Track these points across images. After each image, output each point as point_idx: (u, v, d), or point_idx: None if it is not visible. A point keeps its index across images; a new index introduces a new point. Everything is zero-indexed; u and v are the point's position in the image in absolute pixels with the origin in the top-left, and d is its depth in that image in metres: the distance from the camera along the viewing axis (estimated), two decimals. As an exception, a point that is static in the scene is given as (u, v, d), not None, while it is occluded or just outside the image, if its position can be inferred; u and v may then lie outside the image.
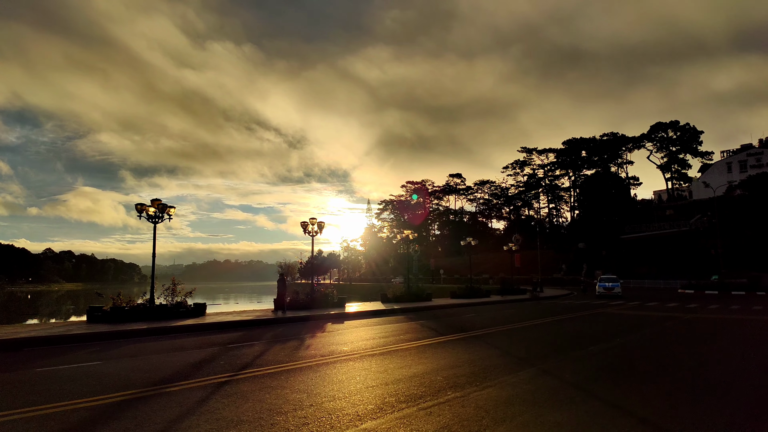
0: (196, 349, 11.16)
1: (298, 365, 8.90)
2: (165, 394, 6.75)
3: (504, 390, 6.83)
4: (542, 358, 9.55)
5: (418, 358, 9.57)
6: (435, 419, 5.45)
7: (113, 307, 15.79)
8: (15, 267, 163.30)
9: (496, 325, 15.97)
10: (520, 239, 75.78)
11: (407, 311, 21.67)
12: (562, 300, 32.19)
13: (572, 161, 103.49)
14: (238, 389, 7.02)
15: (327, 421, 5.44)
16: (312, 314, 19.01)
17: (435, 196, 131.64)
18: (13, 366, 9.19)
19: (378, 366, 8.75)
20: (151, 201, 17.07)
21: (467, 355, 9.96)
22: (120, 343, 12.21)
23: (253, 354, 10.33)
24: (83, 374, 8.22)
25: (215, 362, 9.33)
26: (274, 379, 7.74)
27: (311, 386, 7.19)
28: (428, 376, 7.80)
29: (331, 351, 10.63)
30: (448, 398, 6.36)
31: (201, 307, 18.01)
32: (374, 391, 6.78)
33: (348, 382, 7.47)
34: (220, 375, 8.04)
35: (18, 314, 45.26)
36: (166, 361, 9.55)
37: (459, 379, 7.59)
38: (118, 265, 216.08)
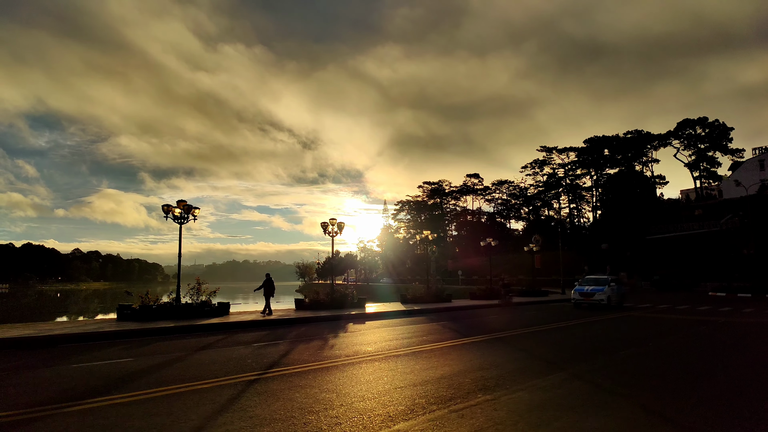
0: (224, 347, 11.31)
1: (325, 365, 8.93)
2: (197, 391, 6.85)
3: (535, 394, 6.74)
4: (571, 361, 9.40)
5: (444, 360, 9.52)
6: (468, 422, 5.40)
7: (142, 306, 16.12)
8: (45, 266, 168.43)
9: (520, 327, 15.78)
10: (540, 240, 74.84)
11: (428, 312, 21.58)
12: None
13: (594, 160, 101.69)
14: (268, 388, 7.08)
15: (359, 421, 5.44)
16: (332, 314, 19.09)
17: (452, 197, 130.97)
18: (51, 361, 9.46)
19: (404, 367, 8.73)
20: (177, 202, 17.38)
21: (493, 357, 9.86)
22: (149, 341, 12.46)
23: (279, 353, 10.41)
24: (117, 370, 8.40)
25: (243, 361, 9.44)
26: (302, 378, 7.79)
27: (339, 386, 7.20)
28: (456, 378, 7.74)
29: (356, 351, 10.65)
30: (479, 401, 6.30)
31: (225, 307, 18.25)
32: (403, 392, 6.76)
33: (375, 382, 7.46)
34: (249, 373, 8.12)
35: (49, 312, 46.59)
36: (195, 358, 9.69)
37: (488, 381, 7.51)
38: (142, 265, 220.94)
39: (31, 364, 9.31)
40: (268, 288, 19.99)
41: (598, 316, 20.01)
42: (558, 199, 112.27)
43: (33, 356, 10.27)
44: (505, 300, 27.36)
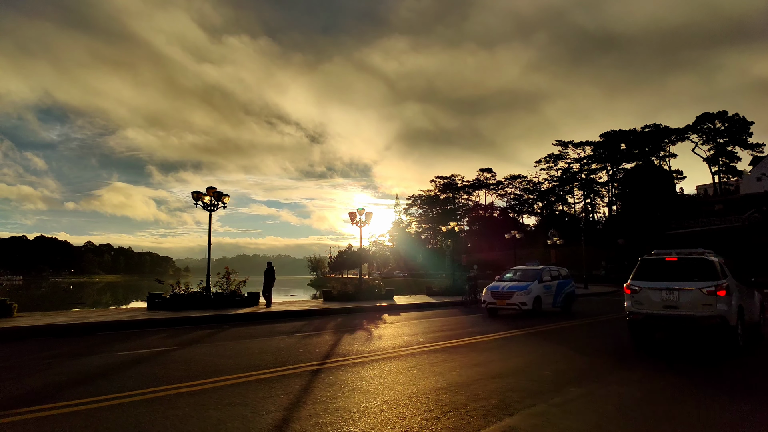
0: (266, 337, 10.86)
1: (382, 355, 8.43)
2: (263, 381, 6.38)
3: (631, 387, 6.18)
4: (638, 357, 8.82)
5: (505, 352, 8.99)
6: (580, 417, 4.86)
7: (173, 295, 15.75)
8: (58, 259, 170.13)
9: (560, 320, 15.17)
10: (555, 234, 73.93)
11: (457, 305, 21.05)
12: (612, 296, 30.92)
13: (610, 154, 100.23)
14: (337, 378, 6.58)
15: (458, 415, 4.91)
16: (361, 305, 18.61)
17: (464, 191, 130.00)
18: (95, 349, 9.06)
19: (467, 359, 8.19)
20: (207, 189, 16.96)
21: (556, 348, 9.31)
22: (187, 330, 12.05)
23: (327, 343, 9.93)
24: (167, 360, 7.95)
25: (294, 350, 8.96)
26: (367, 368, 7.29)
27: (412, 377, 6.68)
28: (532, 371, 7.20)
29: (407, 342, 10.14)
30: (575, 395, 5.75)
31: (254, 297, 17.85)
32: (486, 385, 6.22)
33: (449, 373, 6.93)
34: (307, 363, 7.64)
35: (65, 304, 46.69)
36: (243, 348, 9.24)
37: (567, 374, 6.96)
38: (153, 258, 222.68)
39: (76, 351, 8.91)
40: (269, 277, 18.73)
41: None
42: (572, 194, 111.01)
43: (74, 344, 9.89)
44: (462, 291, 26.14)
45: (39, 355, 8.47)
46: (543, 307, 16.11)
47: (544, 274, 16.82)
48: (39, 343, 9.96)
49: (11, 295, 30.37)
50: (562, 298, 17.26)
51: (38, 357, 8.30)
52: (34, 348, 9.36)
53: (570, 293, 17.73)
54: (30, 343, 10.06)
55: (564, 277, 18.05)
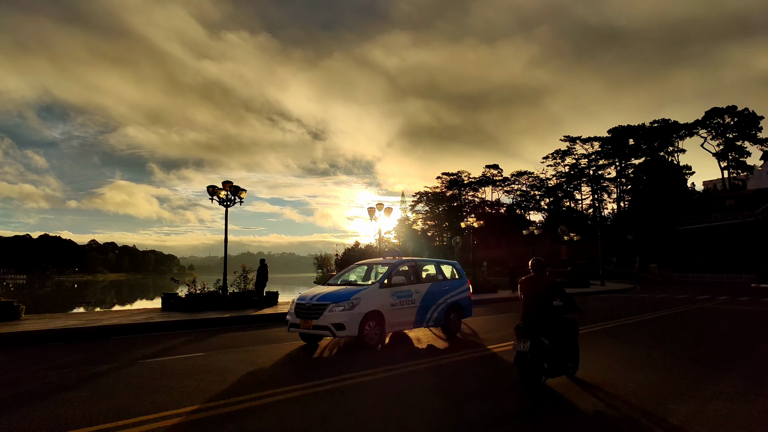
0: (297, 339, 10.00)
1: (469, 354, 7.57)
2: (339, 391, 5.51)
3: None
4: (731, 357, 7.94)
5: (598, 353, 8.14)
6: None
7: (189, 295, 14.91)
8: (62, 257, 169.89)
9: (612, 318, 14.25)
10: (566, 230, 72.97)
11: (486, 302, 20.21)
12: (633, 294, 30.03)
13: (618, 150, 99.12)
14: (400, 384, 5.72)
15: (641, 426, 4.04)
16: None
17: (471, 188, 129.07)
18: (112, 357, 8.21)
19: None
20: (223, 183, 16.10)
21: (647, 351, 8.44)
22: (208, 333, 11.21)
23: (388, 343, 9.06)
24: (197, 369, 7.09)
25: (337, 356, 8.11)
26: (482, 366, 6.42)
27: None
28: (657, 369, 6.33)
29: (482, 339, 9.27)
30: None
31: (273, 296, 17.00)
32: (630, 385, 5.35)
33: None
34: (364, 371, 6.78)
35: (69, 303, 45.96)
36: (277, 354, 8.38)
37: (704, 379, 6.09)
38: (157, 257, 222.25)
39: (91, 359, 8.06)
40: (262, 276, 16.90)
41: (675, 307, 18.36)
42: (579, 190, 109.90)
43: (87, 351, 9.06)
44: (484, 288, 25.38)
45: (50, 365, 7.63)
46: (392, 328, 9.61)
47: (395, 273, 9.84)
48: (48, 350, 9.12)
49: (16, 295, 29.59)
50: (441, 311, 10.54)
51: (49, 368, 7.46)
52: (44, 356, 8.52)
53: (456, 304, 10.90)
54: (39, 350, 9.21)
55: (449, 277, 11.33)
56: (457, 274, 11.68)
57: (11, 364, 7.73)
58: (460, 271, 11.84)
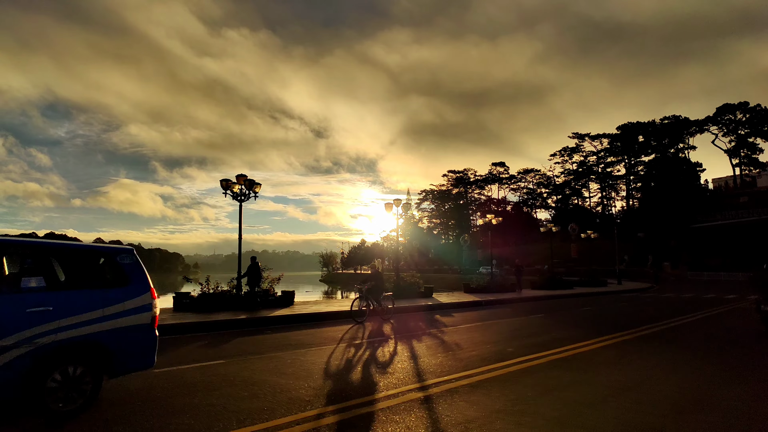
0: (321, 345, 9.15)
1: (485, 374, 6.69)
2: (417, 404, 4.65)
3: None
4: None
5: (641, 367, 7.23)
6: None
7: (201, 295, 14.09)
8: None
9: (651, 322, 13.34)
10: (577, 228, 71.82)
11: (507, 303, 19.33)
12: (655, 293, 29.03)
13: (627, 147, 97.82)
14: (459, 413, 4.85)
15: None
16: (405, 305, 16.76)
17: (477, 186, 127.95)
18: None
19: (605, 379, 6.46)
20: (237, 177, 15.26)
21: (695, 364, 7.53)
22: (224, 337, 10.36)
23: (402, 355, 8.20)
24: (220, 380, 6.24)
25: (369, 366, 7.24)
26: (483, 394, 5.54)
27: (564, 414, 4.94)
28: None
29: (496, 353, 8.39)
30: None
31: (289, 296, 16.15)
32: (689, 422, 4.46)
33: (610, 410, 5.18)
34: (405, 387, 5.90)
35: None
36: (304, 363, 7.52)
37: None
38: (162, 255, 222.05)
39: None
40: (254, 275, 15.20)
41: (710, 308, 17.38)
42: (588, 188, 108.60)
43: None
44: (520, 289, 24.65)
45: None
46: None
47: None
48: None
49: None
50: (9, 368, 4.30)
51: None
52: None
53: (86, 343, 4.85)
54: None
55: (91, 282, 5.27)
56: (125, 275, 5.40)
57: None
58: (133, 269, 5.50)
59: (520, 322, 13.25)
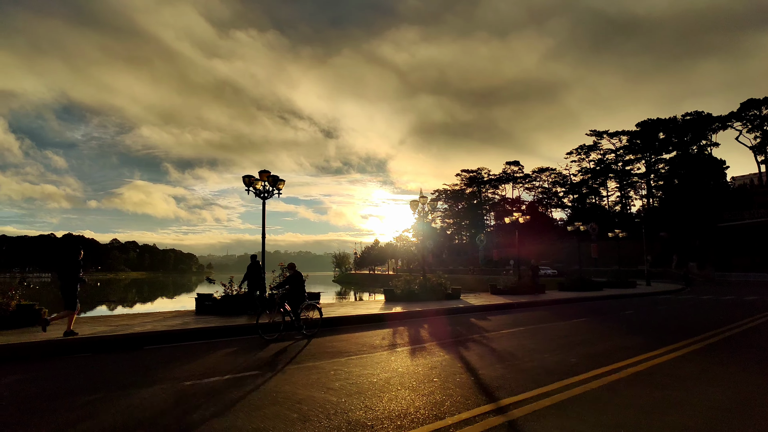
0: (361, 353, 8.33)
1: (565, 392, 5.82)
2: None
3: None
4: None
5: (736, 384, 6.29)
6: None
7: (224, 296, 13.39)
8: (85, 256, 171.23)
9: (711, 328, 12.30)
10: (596, 228, 70.24)
11: (541, 305, 18.37)
12: (691, 295, 27.76)
13: (648, 144, 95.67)
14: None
15: None
16: (436, 307, 15.90)
17: (491, 185, 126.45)
18: (149, 374, 6.61)
19: (706, 400, 5.55)
20: (260, 173, 14.53)
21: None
22: (253, 343, 9.61)
23: (454, 364, 7.35)
24: (260, 398, 5.45)
25: (427, 378, 6.40)
26: (576, 418, 4.68)
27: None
28: None
29: (560, 365, 7.50)
30: None
31: (314, 298, 15.35)
32: None
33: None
34: (481, 409, 5.06)
35: (92, 301, 45.24)
36: (350, 374, 6.70)
37: None
38: (177, 255, 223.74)
39: (124, 378, 6.49)
40: (255, 276, 13.83)
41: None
42: (605, 186, 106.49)
43: (119, 365, 7.51)
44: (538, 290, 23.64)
45: (74, 386, 6.08)
46: None
47: None
48: (74, 364, 7.62)
49: (40, 293, 28.60)
50: None
51: (73, 389, 5.91)
52: (68, 372, 7.00)
53: None
54: (62, 363, 7.71)
55: None
56: None
57: (26, 385, 6.19)
58: None
59: (566, 327, 12.31)
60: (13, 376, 6.72)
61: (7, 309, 10.42)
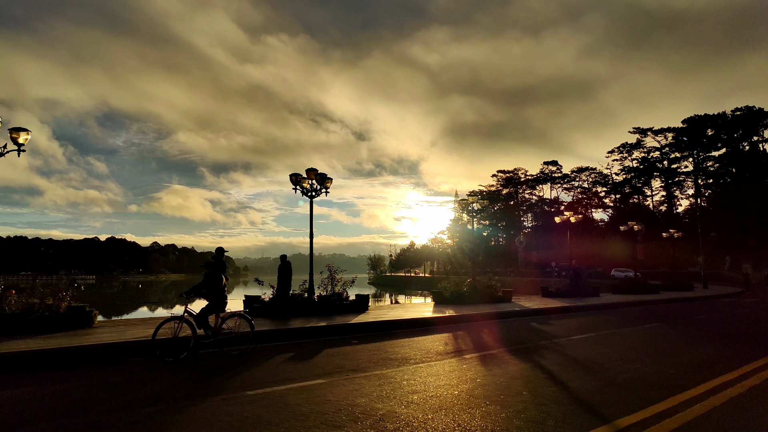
0: (426, 361, 7.66)
1: (728, 388, 4.99)
2: None
3: None
4: None
5: None
6: None
7: (273, 298, 13.01)
8: (127, 259, 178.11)
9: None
10: (642, 228, 67.23)
11: (600, 309, 17.29)
12: (754, 299, 25.82)
13: (695, 141, 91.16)
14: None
15: None
16: (490, 310, 14.99)
17: (528, 186, 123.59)
18: (207, 383, 6.13)
19: None
20: (307, 171, 14.12)
21: None
22: (310, 348, 9.10)
23: (537, 375, 6.59)
24: (337, 410, 4.86)
25: (514, 391, 5.68)
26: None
27: None
28: None
29: (690, 362, 6.63)
30: None
31: (363, 300, 14.83)
32: None
33: None
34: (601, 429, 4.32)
35: (136, 303, 46.32)
36: (431, 384, 6.05)
37: None
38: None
39: (180, 388, 6.04)
40: (285, 277, 13.02)
41: None
42: (649, 186, 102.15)
43: (173, 372, 7.11)
44: (585, 293, 22.03)
45: (132, 397, 5.67)
46: None
47: None
48: (127, 370, 7.27)
49: (86, 294, 29.26)
50: None
51: (131, 401, 5.49)
52: (122, 380, 6.64)
53: None
54: (115, 369, 7.38)
55: None
56: None
57: (80, 395, 5.82)
58: None
59: (640, 333, 11.29)
60: (65, 383, 6.40)
61: (58, 311, 10.28)
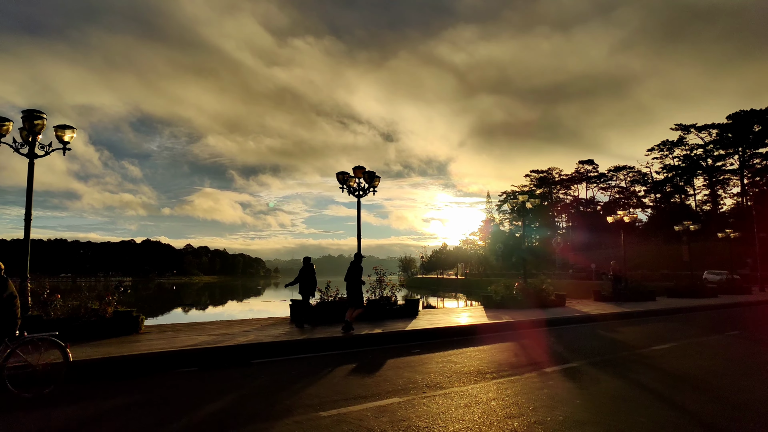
0: (509, 372, 6.88)
1: None
2: None
3: None
4: None
5: None
6: None
7: (321, 302, 12.45)
8: (162, 260, 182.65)
9: None
10: (697, 228, 64.14)
11: (662, 314, 16.12)
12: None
13: (741, 138, 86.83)
14: None
15: None
16: (548, 316, 14.01)
17: (562, 185, 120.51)
18: (272, 400, 5.51)
19: None
20: (354, 170, 13.49)
21: None
22: (369, 358, 8.45)
23: (661, 393, 5.73)
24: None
25: (654, 411, 4.86)
26: None
27: None
28: None
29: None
30: None
31: (413, 305, 14.12)
32: None
33: None
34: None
35: (171, 304, 46.92)
36: (528, 405, 5.29)
37: None
38: (246, 260, 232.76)
39: (244, 405, 5.45)
40: (308, 280, 11.93)
41: None
42: (692, 184, 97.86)
43: (231, 384, 6.54)
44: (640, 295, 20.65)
45: (194, 418, 5.11)
46: None
47: None
48: (184, 383, 6.76)
49: (126, 297, 29.54)
50: None
51: (195, 422, 4.93)
52: (179, 394, 6.11)
53: None
54: (169, 382, 6.87)
55: None
56: None
57: (136, 413, 5.31)
58: None
59: (724, 342, 10.19)
60: (118, 398, 5.88)
61: (105, 315, 9.92)
